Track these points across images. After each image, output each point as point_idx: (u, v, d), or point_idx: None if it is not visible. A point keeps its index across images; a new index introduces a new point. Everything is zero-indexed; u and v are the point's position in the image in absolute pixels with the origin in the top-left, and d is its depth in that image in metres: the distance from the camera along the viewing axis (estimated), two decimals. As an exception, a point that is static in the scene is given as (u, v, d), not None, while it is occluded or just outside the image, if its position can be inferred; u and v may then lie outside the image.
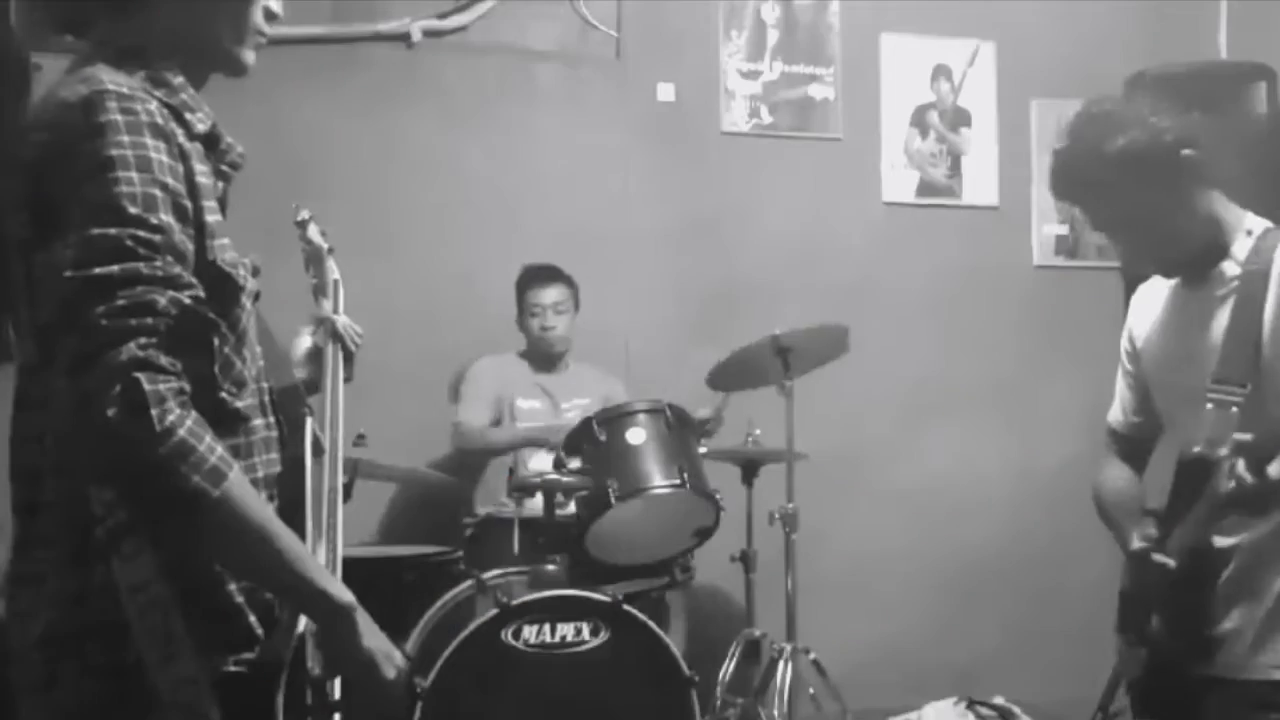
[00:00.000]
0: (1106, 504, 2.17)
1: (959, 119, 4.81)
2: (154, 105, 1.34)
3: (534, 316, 4.03)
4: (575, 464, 3.38)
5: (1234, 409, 1.86)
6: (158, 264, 1.28)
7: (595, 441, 3.39)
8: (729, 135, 4.58)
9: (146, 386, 1.22)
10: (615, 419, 3.44)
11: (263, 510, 1.33)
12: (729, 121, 4.57)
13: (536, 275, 4.06)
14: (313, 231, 2.07)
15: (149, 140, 1.31)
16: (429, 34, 4.29)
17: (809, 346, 3.76)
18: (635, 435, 3.39)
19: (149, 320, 1.25)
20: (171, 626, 1.29)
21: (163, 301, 1.27)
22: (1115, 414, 2.24)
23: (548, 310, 4.02)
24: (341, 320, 1.98)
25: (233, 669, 1.37)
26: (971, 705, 4.03)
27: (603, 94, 4.47)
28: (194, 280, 1.32)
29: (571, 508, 3.40)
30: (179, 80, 1.43)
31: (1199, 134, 1.93)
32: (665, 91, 4.52)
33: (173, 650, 1.29)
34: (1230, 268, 1.96)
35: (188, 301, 1.29)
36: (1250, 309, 1.91)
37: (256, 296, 1.47)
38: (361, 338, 2.02)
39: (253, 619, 1.39)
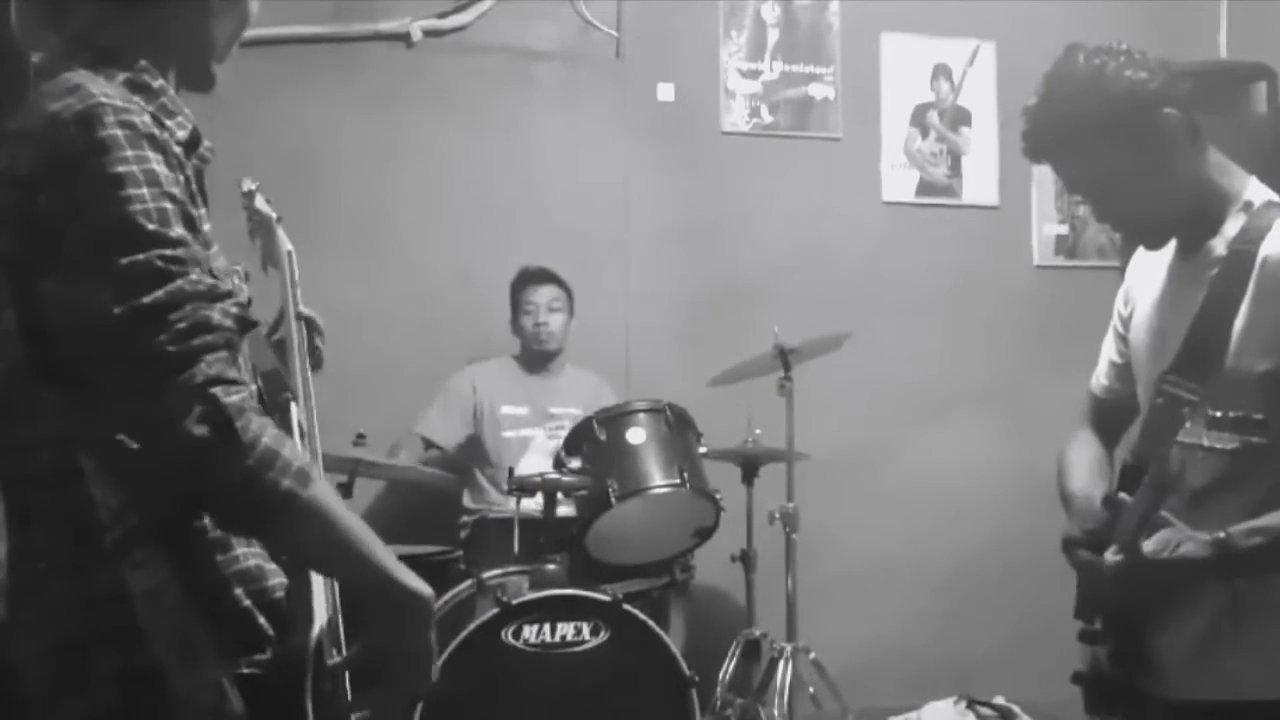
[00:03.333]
0: (1063, 478, 1.99)
1: (959, 118, 4.81)
2: (148, 117, 1.32)
3: (527, 314, 4.03)
4: (575, 464, 3.39)
5: (1184, 409, 1.69)
6: (194, 278, 1.26)
7: (595, 441, 3.39)
8: (729, 135, 4.58)
9: (224, 400, 1.22)
10: (615, 418, 3.45)
11: (343, 507, 1.34)
12: (729, 121, 4.58)
13: (531, 275, 4.06)
14: (260, 201, 2.03)
15: (150, 153, 1.28)
16: (429, 34, 4.29)
17: (810, 349, 3.77)
18: (635, 435, 3.40)
19: (209, 337, 1.25)
20: (190, 630, 1.29)
21: (216, 316, 1.26)
22: (1097, 377, 2.07)
23: (541, 307, 4.01)
24: (309, 313, 1.92)
25: (248, 671, 1.37)
26: (971, 705, 4.03)
27: (603, 94, 4.47)
28: (230, 289, 1.32)
29: (569, 507, 3.41)
30: (159, 84, 1.39)
31: (1184, 91, 1.76)
32: (665, 91, 4.52)
33: (193, 654, 1.29)
34: (1219, 246, 1.76)
35: (234, 310, 1.30)
36: (1226, 298, 1.71)
37: (249, 303, 1.47)
38: (322, 336, 1.96)
39: (262, 620, 1.39)
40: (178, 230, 1.27)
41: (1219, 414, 1.66)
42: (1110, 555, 1.73)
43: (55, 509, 1.33)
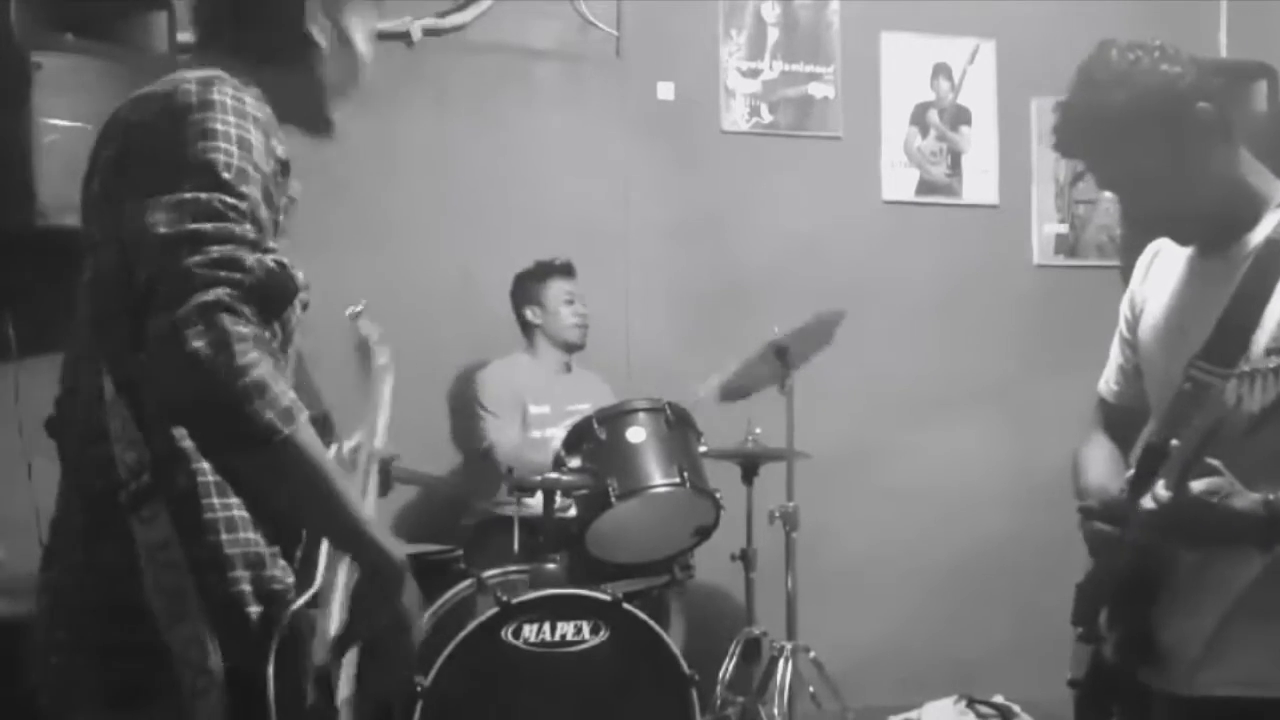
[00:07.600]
0: (1079, 475, 1.97)
1: (959, 117, 4.81)
2: (263, 109, 1.46)
3: (569, 304, 3.98)
4: (575, 463, 3.39)
5: (1211, 393, 1.65)
6: (246, 226, 1.35)
7: (595, 440, 3.39)
8: (729, 134, 4.57)
9: (229, 326, 1.28)
10: (615, 417, 3.44)
11: (327, 458, 1.38)
12: (729, 120, 4.57)
13: (561, 268, 4.01)
14: (364, 323, 2.17)
15: (251, 127, 1.41)
16: (429, 32, 4.29)
17: (806, 342, 3.76)
18: (635, 434, 3.40)
19: (236, 275, 1.32)
20: (184, 586, 1.34)
21: (250, 260, 1.34)
22: (1106, 381, 2.05)
23: (579, 297, 3.99)
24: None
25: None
26: (971, 704, 4.03)
27: (603, 93, 4.46)
28: (277, 248, 1.40)
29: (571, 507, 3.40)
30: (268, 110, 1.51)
31: (1218, 88, 1.76)
32: (665, 90, 4.52)
33: (184, 610, 1.33)
34: (1253, 242, 1.74)
35: (271, 264, 1.36)
36: (1260, 283, 1.69)
37: (305, 306, 1.52)
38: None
39: (252, 608, 1.41)
40: (248, 190, 1.37)
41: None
42: (1160, 490, 1.65)
43: (83, 467, 1.42)
